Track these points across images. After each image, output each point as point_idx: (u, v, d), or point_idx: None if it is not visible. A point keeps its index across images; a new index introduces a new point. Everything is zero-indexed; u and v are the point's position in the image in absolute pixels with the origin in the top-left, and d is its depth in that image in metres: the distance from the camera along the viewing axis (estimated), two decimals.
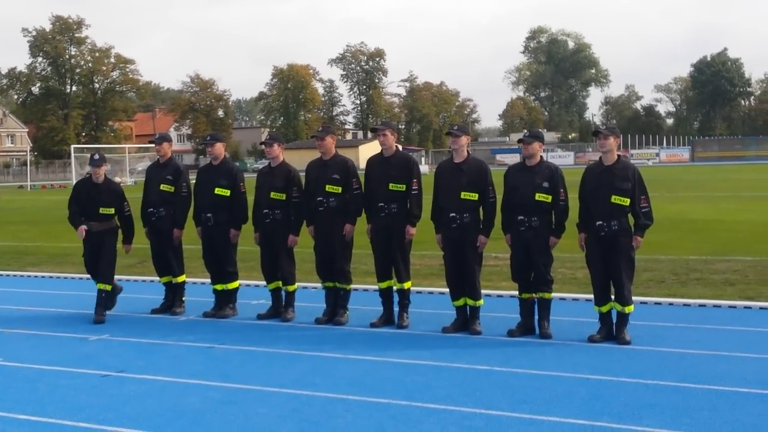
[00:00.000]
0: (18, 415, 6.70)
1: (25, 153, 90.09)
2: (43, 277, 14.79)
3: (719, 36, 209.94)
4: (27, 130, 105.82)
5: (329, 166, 9.87)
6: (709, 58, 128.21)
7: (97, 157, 10.53)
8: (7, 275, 15.16)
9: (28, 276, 14.94)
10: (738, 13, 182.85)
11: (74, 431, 6.29)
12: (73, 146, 78.68)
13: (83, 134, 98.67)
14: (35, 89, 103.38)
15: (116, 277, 14.45)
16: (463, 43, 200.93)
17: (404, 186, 9.45)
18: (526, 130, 9.47)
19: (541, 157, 9.18)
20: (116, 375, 7.88)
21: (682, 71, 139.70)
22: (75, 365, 8.29)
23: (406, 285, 9.68)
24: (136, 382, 7.66)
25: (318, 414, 6.56)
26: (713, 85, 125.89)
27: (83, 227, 10.30)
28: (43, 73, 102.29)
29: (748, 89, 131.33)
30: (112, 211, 10.49)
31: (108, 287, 10.52)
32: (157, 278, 11.20)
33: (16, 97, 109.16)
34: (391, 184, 9.47)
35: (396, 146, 9.81)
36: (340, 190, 9.72)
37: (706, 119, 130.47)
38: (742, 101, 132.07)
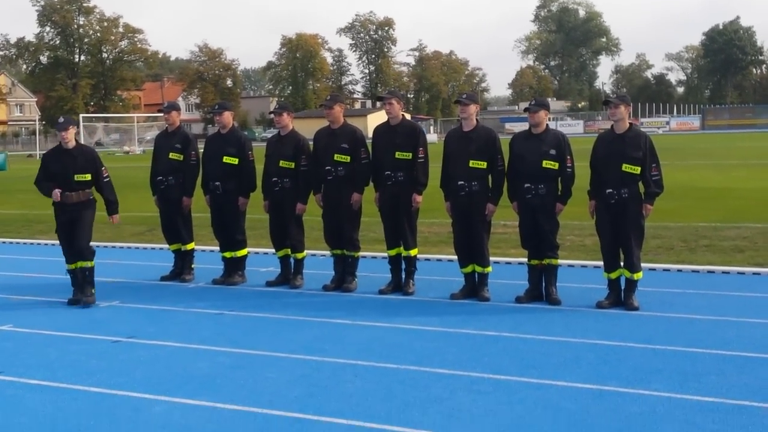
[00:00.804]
0: (29, 380, 6.75)
1: (33, 122, 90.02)
2: (53, 244, 14.83)
3: (732, 4, 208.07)
4: (36, 99, 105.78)
5: (337, 135, 9.85)
6: (721, 27, 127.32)
7: (61, 120, 9.53)
8: (18, 243, 15.27)
9: (38, 243, 15.01)
10: None
11: (85, 395, 6.34)
12: (81, 115, 78.64)
13: (92, 103, 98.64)
14: (44, 59, 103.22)
15: (125, 245, 14.57)
16: (473, 11, 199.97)
17: (410, 154, 9.44)
18: (533, 99, 9.45)
19: (547, 125, 9.16)
20: (126, 341, 7.93)
21: (694, 40, 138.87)
22: (85, 331, 8.34)
23: (413, 252, 9.70)
24: (146, 347, 7.71)
25: (327, 379, 6.60)
26: (725, 53, 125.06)
27: (57, 189, 9.31)
28: (52, 42, 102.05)
29: (760, 57, 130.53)
30: (88, 177, 9.45)
31: (91, 263, 9.46)
32: (167, 246, 11.22)
33: (24, 66, 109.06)
34: (397, 153, 9.46)
35: (402, 115, 9.80)
36: (348, 159, 9.70)
37: (717, 88, 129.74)
38: (754, 69, 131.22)
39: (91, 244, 9.58)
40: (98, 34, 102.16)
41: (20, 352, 7.64)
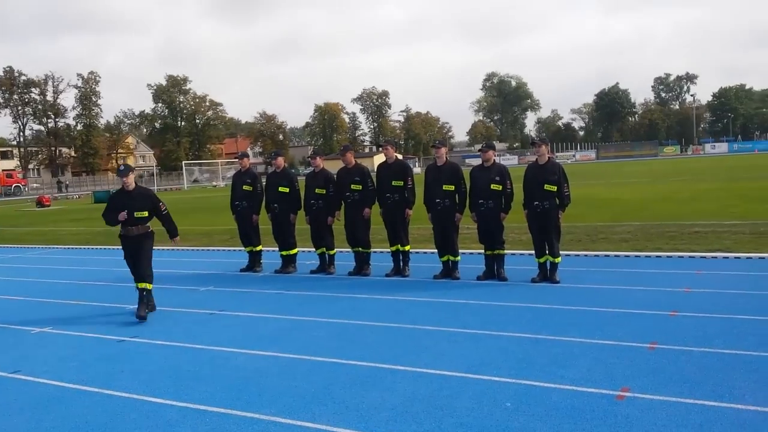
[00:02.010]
0: (154, 340, 6.77)
1: (152, 167, 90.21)
2: (167, 250, 14.83)
3: (614, 74, 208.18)
4: (153, 152, 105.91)
5: (351, 172, 9.85)
6: (606, 90, 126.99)
7: (122, 167, 8.12)
8: None
9: (157, 249, 14.87)
10: (624, 58, 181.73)
11: (192, 350, 6.33)
12: (183, 162, 78.93)
13: (190, 154, 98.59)
14: (157, 125, 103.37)
15: (215, 248, 14.54)
16: (443, 83, 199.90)
17: (402, 182, 9.43)
18: (483, 143, 9.44)
19: (494, 160, 9.15)
20: (219, 313, 7.93)
21: (589, 99, 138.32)
22: (191, 307, 8.35)
23: (407, 248, 9.67)
24: (232, 317, 7.71)
25: (354, 334, 6.60)
26: (610, 107, 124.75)
27: (123, 213, 7.83)
28: (162, 113, 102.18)
29: (633, 110, 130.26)
30: (146, 214, 7.97)
31: (149, 286, 8.05)
32: (243, 248, 11.22)
33: (144, 130, 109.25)
34: (393, 182, 9.45)
35: (396, 156, 9.78)
36: (360, 187, 9.70)
37: (606, 130, 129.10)
38: (630, 118, 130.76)
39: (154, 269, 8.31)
40: (192, 107, 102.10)
41: (148, 322, 7.65)
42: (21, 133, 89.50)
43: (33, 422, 4.70)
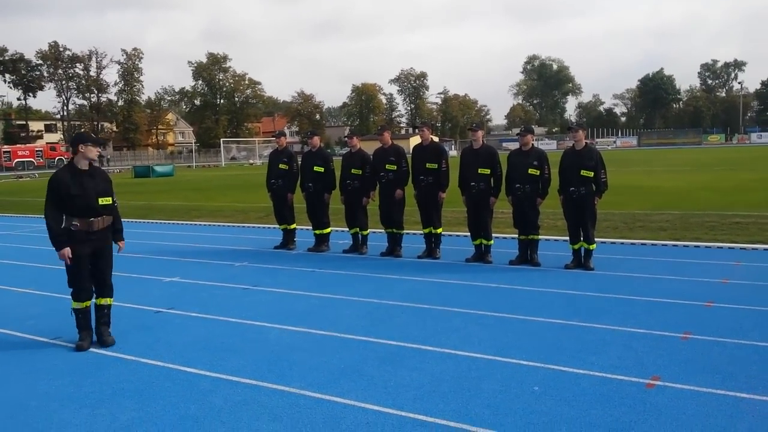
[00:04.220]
0: (190, 312, 6.92)
1: (191, 144, 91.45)
2: (204, 225, 15.14)
3: (658, 59, 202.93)
4: (192, 128, 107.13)
5: (387, 152, 9.86)
6: (650, 75, 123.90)
7: (79, 135, 5.91)
8: (181, 224, 15.54)
9: (195, 224, 15.30)
10: (672, 44, 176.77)
11: (226, 324, 6.47)
12: (222, 140, 79.80)
13: (228, 131, 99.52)
14: (197, 102, 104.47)
15: (251, 225, 14.75)
16: (482, 65, 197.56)
17: (436, 165, 9.41)
18: (522, 127, 9.34)
19: (533, 144, 9.06)
20: (252, 288, 8.06)
21: (632, 84, 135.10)
22: (226, 281, 8.48)
23: (439, 230, 9.68)
24: (265, 293, 7.83)
25: (384, 314, 6.65)
26: (654, 93, 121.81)
27: (66, 250, 5.60)
28: (202, 91, 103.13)
29: (678, 96, 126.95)
30: (110, 201, 5.86)
31: (112, 301, 6.00)
32: (277, 226, 11.34)
33: (184, 107, 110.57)
34: (427, 164, 9.44)
35: (431, 138, 9.75)
36: (395, 167, 9.71)
37: (649, 117, 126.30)
38: (674, 105, 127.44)
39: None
40: (232, 85, 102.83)
41: (184, 295, 7.82)
42: (65, 108, 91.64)
43: (72, 386, 4.88)
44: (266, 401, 4.47)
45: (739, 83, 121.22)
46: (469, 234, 9.53)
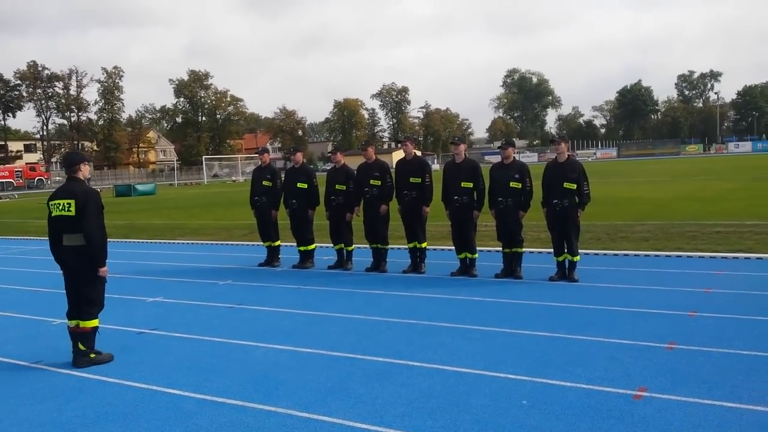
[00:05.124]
0: (174, 333, 6.84)
1: (173, 162, 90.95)
2: (187, 243, 15.02)
3: (636, 71, 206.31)
4: (174, 146, 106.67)
5: (372, 167, 9.86)
6: (629, 87, 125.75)
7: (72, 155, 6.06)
8: (164, 243, 15.41)
9: (178, 243, 15.17)
10: (650, 56, 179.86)
11: (211, 343, 6.40)
12: (204, 157, 79.40)
13: (210, 148, 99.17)
14: (178, 119, 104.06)
15: (234, 242, 14.66)
16: (463, 79, 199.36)
17: (420, 179, 9.42)
18: (503, 140, 9.40)
19: (514, 157, 9.11)
20: (237, 306, 7.98)
21: (611, 96, 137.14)
22: (210, 300, 8.40)
23: (423, 245, 9.68)
24: (250, 311, 7.77)
25: (370, 330, 6.62)
26: (632, 105, 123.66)
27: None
28: (183, 108, 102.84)
29: (656, 108, 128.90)
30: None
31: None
32: (262, 243, 11.28)
33: (165, 124, 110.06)
34: (411, 178, 9.45)
35: (414, 152, 9.77)
36: (379, 183, 9.71)
37: (628, 129, 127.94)
38: (652, 116, 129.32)
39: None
40: (213, 102, 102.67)
41: (168, 315, 7.74)
42: (44, 127, 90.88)
43: (54, 411, 4.79)
44: (252, 422, 4.41)
45: (715, 94, 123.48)
46: (453, 247, 9.53)
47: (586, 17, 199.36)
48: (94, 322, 5.92)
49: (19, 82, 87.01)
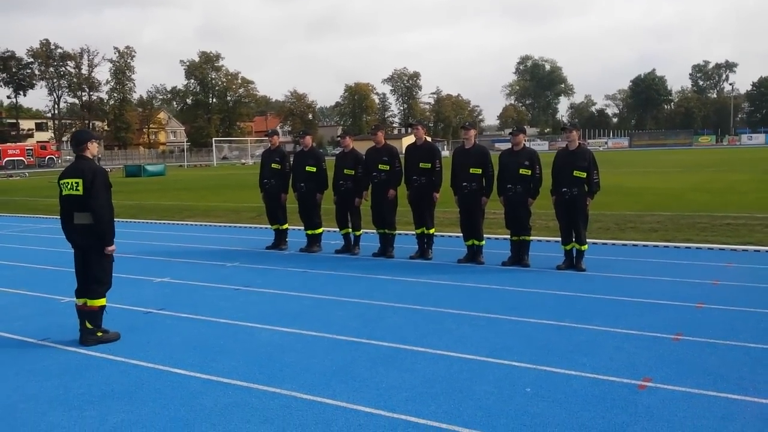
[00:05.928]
0: (181, 313, 6.88)
1: (182, 143, 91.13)
2: (196, 225, 15.07)
3: (650, 60, 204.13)
4: (184, 128, 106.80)
5: (380, 152, 9.82)
6: (642, 76, 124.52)
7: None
8: (172, 224, 15.47)
9: (186, 224, 15.23)
10: (665, 45, 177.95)
11: (217, 324, 6.43)
12: (214, 139, 79.51)
13: (220, 131, 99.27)
14: (189, 101, 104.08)
15: (242, 225, 14.70)
16: (475, 65, 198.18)
17: (430, 165, 9.38)
18: (514, 126, 9.34)
19: (524, 144, 9.05)
20: (244, 288, 8.02)
21: (624, 85, 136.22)
22: (217, 282, 8.43)
23: (431, 231, 9.66)
24: (257, 293, 7.79)
25: (375, 315, 6.62)
26: (645, 94, 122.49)
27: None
28: (194, 90, 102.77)
29: (669, 98, 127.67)
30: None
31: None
32: (269, 226, 11.30)
33: (176, 106, 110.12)
34: (421, 164, 9.41)
35: (425, 137, 9.73)
36: (387, 167, 9.68)
37: (640, 118, 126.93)
38: (665, 106, 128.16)
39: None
40: (224, 84, 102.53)
41: (175, 295, 7.77)
42: (56, 106, 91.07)
43: (61, 388, 4.83)
44: (257, 403, 4.43)
45: (730, 84, 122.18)
46: (461, 234, 9.51)
47: (602, 3, 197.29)
48: (102, 301, 5.96)
49: (31, 60, 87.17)
